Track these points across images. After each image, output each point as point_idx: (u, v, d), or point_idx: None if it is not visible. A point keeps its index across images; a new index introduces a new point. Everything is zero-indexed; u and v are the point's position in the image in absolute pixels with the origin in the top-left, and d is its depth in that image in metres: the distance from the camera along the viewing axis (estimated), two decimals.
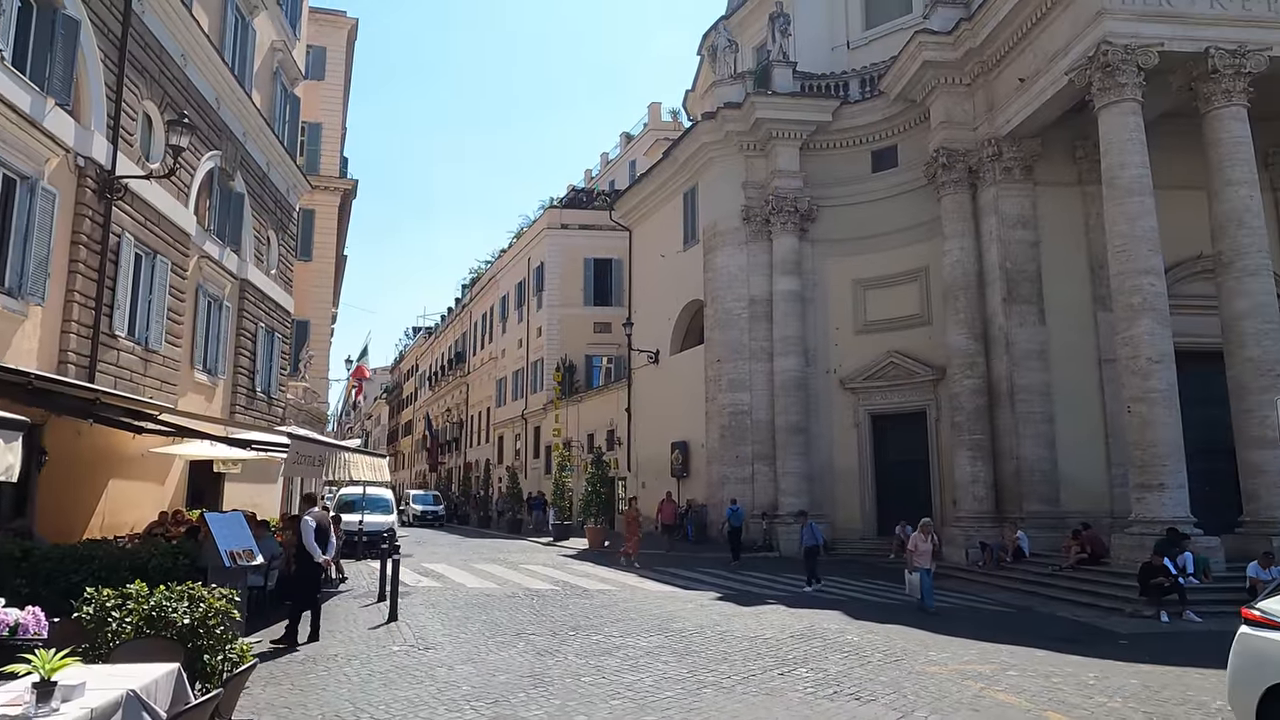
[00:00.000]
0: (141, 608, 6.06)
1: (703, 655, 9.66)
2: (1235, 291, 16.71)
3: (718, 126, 25.57)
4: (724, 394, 25.11)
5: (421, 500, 44.11)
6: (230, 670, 5.99)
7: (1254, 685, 5.28)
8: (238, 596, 6.81)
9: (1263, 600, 5.57)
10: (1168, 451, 15.78)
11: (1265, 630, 5.34)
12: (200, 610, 6.12)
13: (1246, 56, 16.86)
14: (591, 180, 59.85)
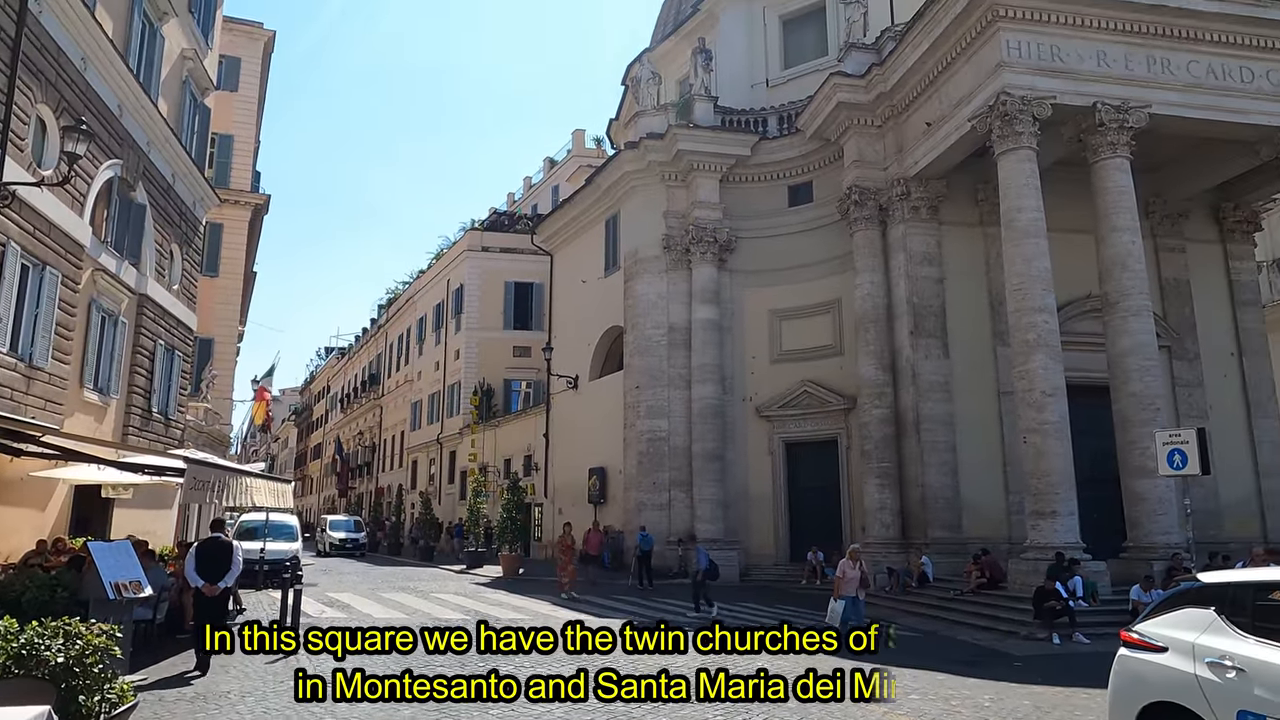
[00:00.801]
0: (10, 645, 5.63)
1: (548, 713, 9.57)
2: (1120, 330, 17.81)
3: (640, 156, 25.91)
4: (642, 420, 25.21)
5: (340, 527, 39.69)
6: (109, 712, 5.63)
7: (1131, 705, 5.58)
8: (120, 632, 6.41)
9: (1140, 623, 5.90)
10: (1060, 480, 16.62)
11: (1142, 652, 5.65)
12: (77, 647, 5.74)
13: (1129, 112, 18.16)
14: (514, 204, 59.67)
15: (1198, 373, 22.45)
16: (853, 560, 13.64)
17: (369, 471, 58.56)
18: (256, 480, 14.26)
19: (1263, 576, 5.48)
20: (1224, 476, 21.40)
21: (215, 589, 10.18)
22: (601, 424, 27.73)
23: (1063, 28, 18.32)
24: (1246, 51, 19.06)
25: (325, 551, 36.93)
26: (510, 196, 62.65)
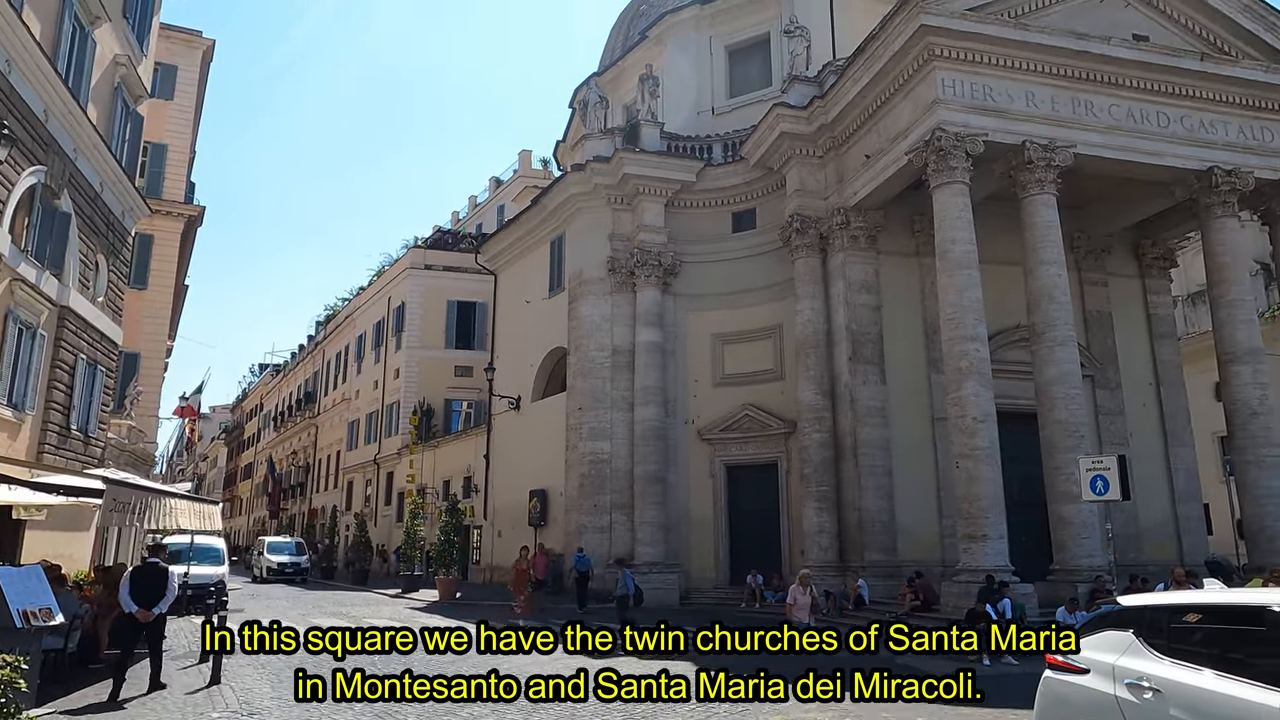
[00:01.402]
0: None
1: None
2: (1047, 359, 18.49)
3: (586, 178, 26.01)
4: (584, 442, 25.09)
5: (280, 550, 36.32)
6: None
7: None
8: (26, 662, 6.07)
9: None
10: (990, 505, 17.09)
11: (1065, 674, 5.80)
12: None
13: (1055, 151, 18.99)
14: (459, 222, 59.19)
15: (1119, 401, 23.40)
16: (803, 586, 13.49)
17: (302, 492, 56.92)
18: (180, 501, 13.72)
19: (1177, 600, 5.70)
20: (1143, 501, 22.31)
21: (150, 614, 9.98)
22: (543, 445, 27.51)
23: (994, 69, 19.11)
24: (1162, 98, 20.14)
25: (263, 577, 34.58)
26: (455, 215, 62.16)
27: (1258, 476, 19.29)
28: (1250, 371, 19.77)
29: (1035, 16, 19.57)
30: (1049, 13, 19.79)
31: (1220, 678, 4.77)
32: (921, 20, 18.31)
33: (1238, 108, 20.71)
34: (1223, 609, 5.37)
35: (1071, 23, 19.64)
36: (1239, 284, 20.49)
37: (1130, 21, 20.45)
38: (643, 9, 33.34)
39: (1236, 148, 20.56)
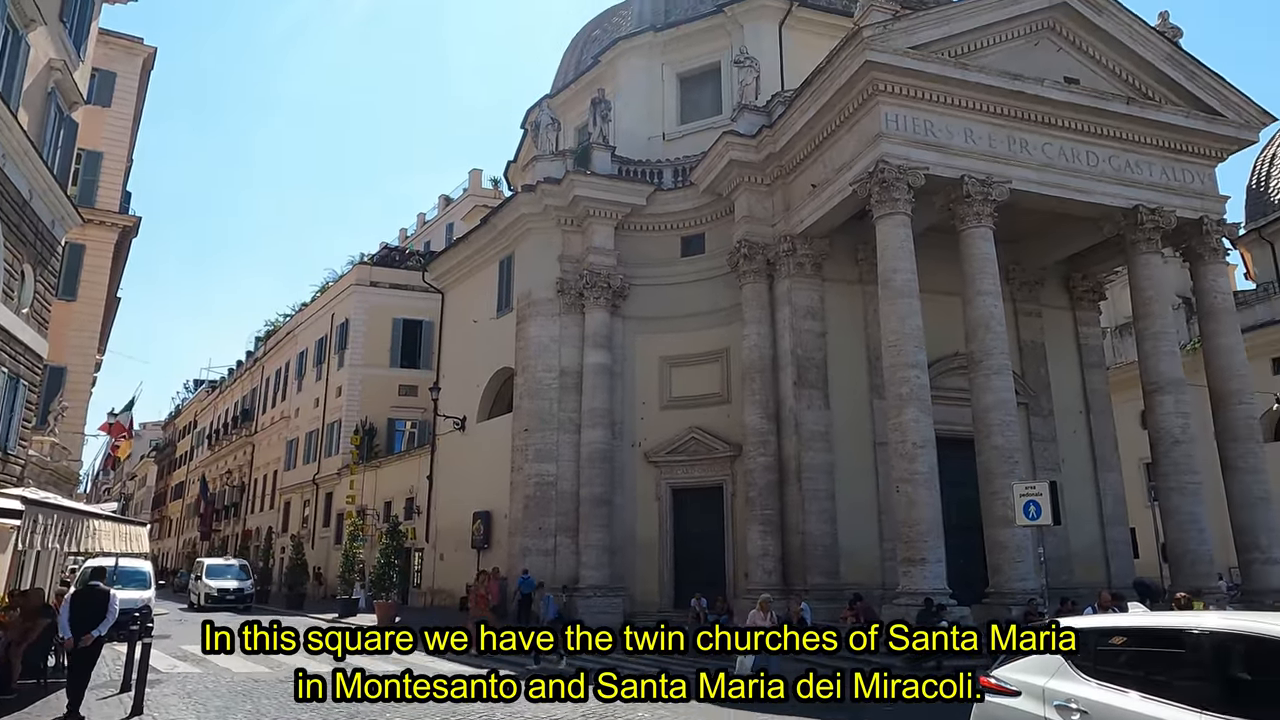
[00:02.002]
0: None
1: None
2: (984, 387, 19.03)
3: (537, 199, 26.01)
4: (530, 464, 24.88)
5: (222, 573, 32.68)
6: None
7: None
8: None
9: (996, 668, 6.21)
10: (929, 529, 17.45)
11: (998, 696, 5.94)
12: None
13: (992, 186, 19.70)
14: (407, 240, 58.58)
15: (1052, 428, 24.18)
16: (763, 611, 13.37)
17: (236, 513, 55.14)
18: (104, 523, 13.17)
19: (1103, 623, 5.89)
20: (1073, 526, 23.00)
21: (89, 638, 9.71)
22: (488, 467, 27.19)
23: (935, 105, 19.78)
24: (1092, 138, 21.08)
25: (200, 604, 31.16)
26: (403, 232, 61.53)
27: (1180, 502, 20.08)
28: (1173, 401, 20.64)
29: (974, 57, 20.34)
30: (987, 54, 20.60)
31: (1145, 699, 4.94)
32: (867, 56, 18.88)
33: (1161, 150, 21.78)
34: (1145, 632, 5.58)
35: (1008, 64, 20.46)
36: (1162, 317, 21.43)
37: (1063, 65, 21.39)
38: (596, 34, 33.68)
39: (1160, 188, 21.59)
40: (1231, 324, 22.17)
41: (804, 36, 27.94)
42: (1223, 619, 5.18)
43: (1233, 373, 21.56)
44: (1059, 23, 21.37)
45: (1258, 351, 30.69)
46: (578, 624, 18.46)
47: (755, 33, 27.63)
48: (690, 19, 29.74)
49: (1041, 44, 21.40)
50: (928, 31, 19.79)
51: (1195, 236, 22.17)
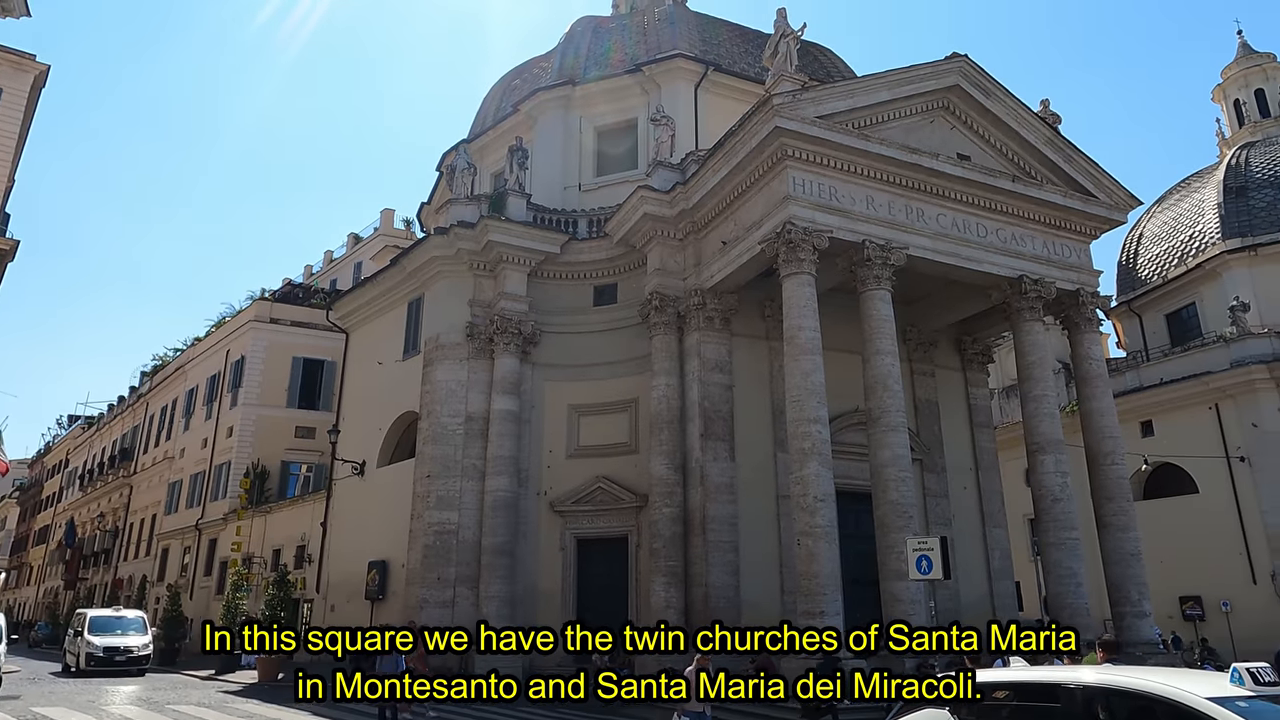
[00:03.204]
0: None
1: None
2: (881, 443, 19.70)
3: (450, 242, 25.79)
4: (431, 511, 24.17)
5: (110, 627, 26.93)
6: None
7: None
8: None
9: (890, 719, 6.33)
10: (828, 582, 17.77)
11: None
12: None
13: (891, 251, 20.70)
14: (312, 277, 56.93)
15: (944, 484, 25.18)
16: (700, 665, 12.74)
17: (108, 560, 51.26)
18: None
19: (986, 677, 6.11)
20: (963, 579, 23.88)
21: None
22: (387, 514, 26.27)
23: (840, 173, 20.77)
24: (981, 211, 22.51)
25: (81, 667, 25.60)
26: (308, 269, 59.81)
27: (1059, 557, 21.13)
28: (1053, 461, 21.85)
29: (876, 129, 21.52)
30: (888, 127, 21.83)
31: None
32: (776, 123, 19.72)
33: (1043, 225, 23.42)
34: (1024, 686, 5.80)
35: (907, 138, 21.73)
36: (1043, 381, 22.78)
37: (956, 142, 22.87)
38: (516, 83, 34.05)
39: (1041, 260, 23.16)
40: (1104, 389, 23.75)
41: (718, 100, 29.00)
42: (1099, 674, 5.42)
43: (1106, 435, 23.03)
44: (953, 103, 22.88)
45: (1128, 415, 32.98)
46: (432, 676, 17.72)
47: (672, 93, 28.50)
48: (609, 75, 30.47)
49: (937, 122, 22.85)
50: (833, 103, 20.87)
51: (1073, 307, 23.79)
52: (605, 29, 33.64)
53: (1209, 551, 31.92)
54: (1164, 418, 35.21)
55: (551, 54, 33.50)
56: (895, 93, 21.88)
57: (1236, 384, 33.00)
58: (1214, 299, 37.44)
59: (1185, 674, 5.87)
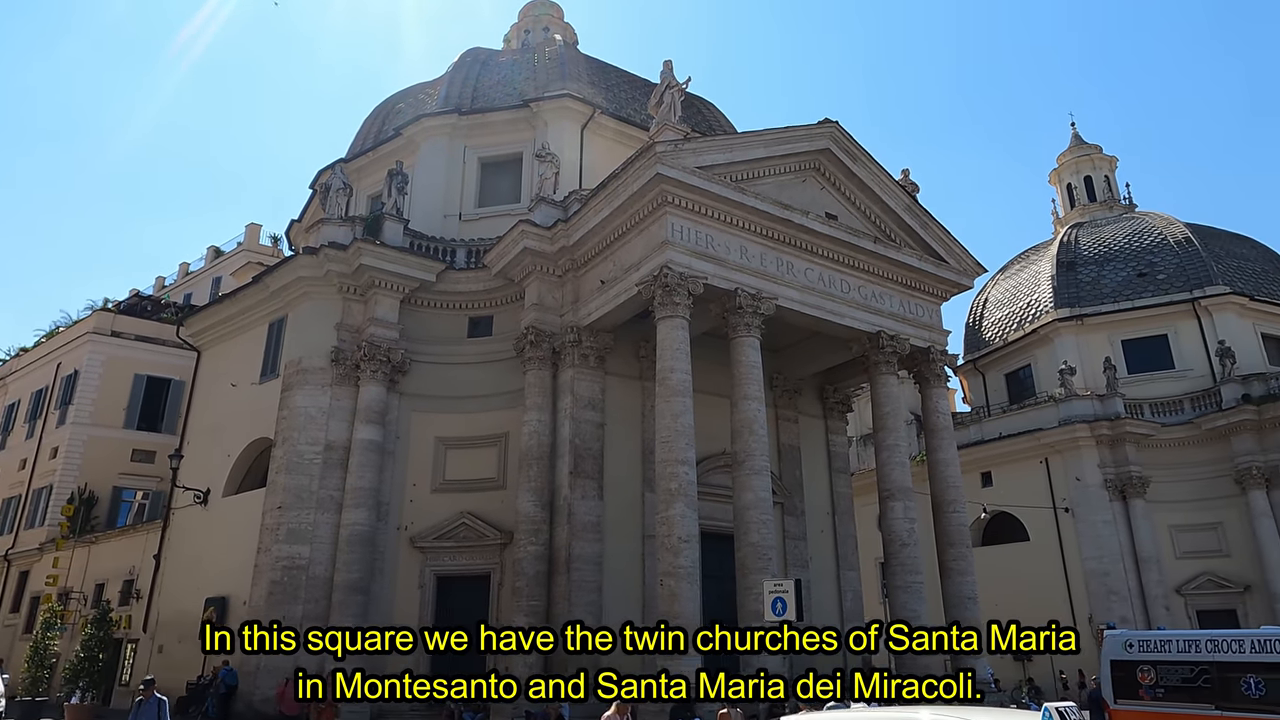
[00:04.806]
0: None
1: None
2: (744, 486, 20.22)
3: (319, 263, 24.78)
4: (281, 545, 22.76)
5: None
6: None
7: None
8: None
9: None
10: (688, 622, 17.92)
11: None
12: None
13: (762, 301, 21.52)
14: (164, 289, 53.25)
15: (803, 527, 26.07)
16: (619, 714, 12.30)
17: None
18: None
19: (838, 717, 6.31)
20: (819, 619, 24.63)
21: None
22: (231, 547, 24.51)
23: (717, 222, 21.50)
24: (845, 268, 23.81)
25: None
26: (160, 281, 55.91)
27: (905, 600, 22.22)
28: (902, 507, 23.08)
29: (752, 184, 22.46)
30: (763, 183, 22.84)
31: None
32: (658, 169, 20.25)
33: (900, 285, 25.01)
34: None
35: (780, 194, 22.79)
36: (896, 431, 24.13)
37: (826, 201, 24.18)
38: (400, 106, 33.46)
39: (898, 318, 24.68)
40: (950, 441, 25.40)
41: (604, 142, 29.53)
42: (932, 713, 5.72)
43: (950, 484, 24.58)
44: (823, 165, 24.22)
45: (971, 466, 35.42)
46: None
47: (558, 131, 28.77)
48: (496, 108, 30.47)
49: (808, 181, 24.11)
50: (713, 155, 21.66)
51: (924, 363, 25.42)
52: (496, 62, 33.72)
53: (1037, 595, 34.45)
54: (1002, 469, 38.03)
55: (439, 81, 33.19)
56: (771, 150, 22.95)
57: (1063, 440, 36.11)
58: (1047, 362, 40.98)
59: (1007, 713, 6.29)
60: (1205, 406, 36.32)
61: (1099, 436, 35.62)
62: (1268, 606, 32.54)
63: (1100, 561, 34.37)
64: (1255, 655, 15.60)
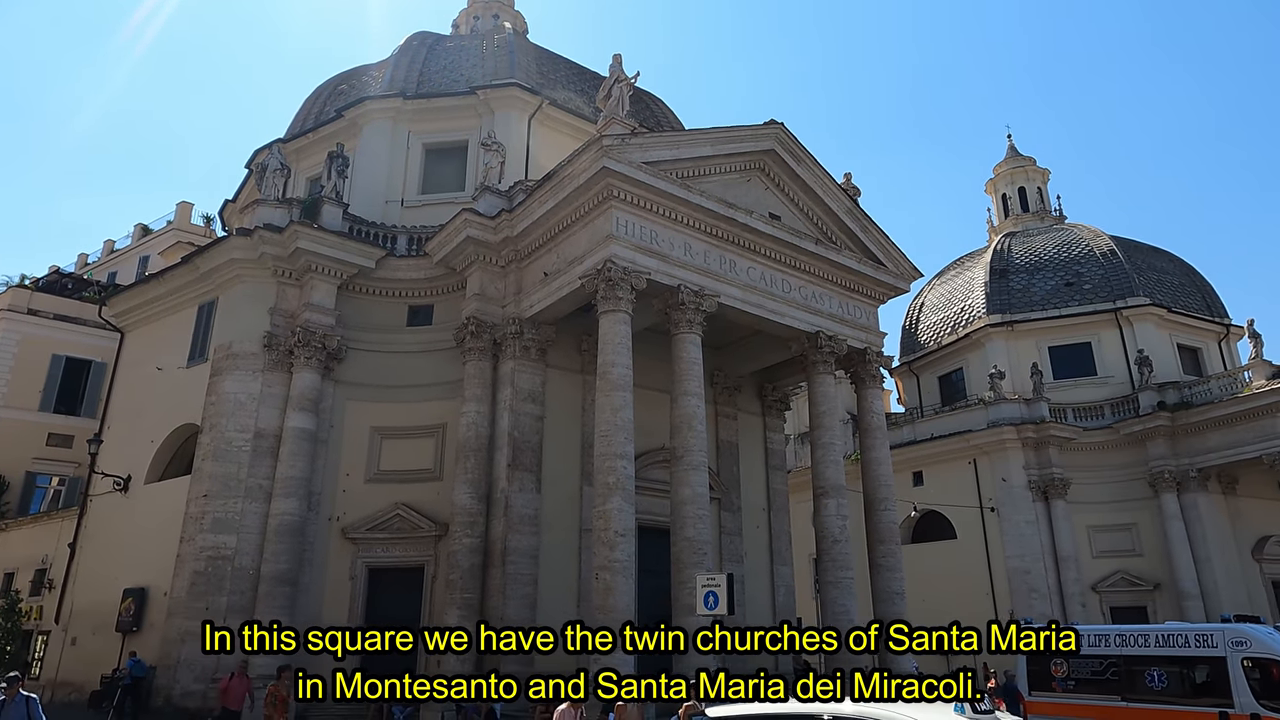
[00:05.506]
0: None
1: None
2: (682, 481, 20.36)
3: (253, 245, 24.07)
4: (205, 534, 22.08)
5: None
6: None
7: None
8: None
9: None
10: (621, 616, 17.99)
11: None
12: None
13: (704, 298, 21.68)
14: (87, 267, 51.06)
15: (739, 523, 26.38)
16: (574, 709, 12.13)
17: None
18: None
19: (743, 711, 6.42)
20: (752, 614, 25.01)
21: None
22: (153, 536, 23.68)
23: (661, 218, 21.56)
24: (787, 269, 24.14)
25: None
26: (83, 258, 53.60)
27: (836, 595, 22.70)
28: (835, 504, 23.54)
29: (697, 181, 22.59)
30: (708, 181, 22.98)
31: None
32: (605, 163, 20.21)
33: (839, 287, 25.47)
34: (787, 717, 6.16)
35: (725, 193, 22.97)
36: (832, 430, 24.59)
37: (770, 202, 24.47)
38: (343, 88, 32.70)
39: (836, 319, 25.13)
40: (883, 441, 25.99)
41: (551, 133, 29.36)
42: (855, 707, 5.86)
43: (881, 482, 25.16)
44: (768, 165, 24.49)
45: (903, 466, 36.31)
46: None
47: (505, 120, 28.50)
48: (443, 94, 30.01)
49: (753, 181, 24.36)
50: (660, 151, 21.71)
51: (861, 364, 25.95)
52: (443, 47, 33.19)
53: (963, 592, 35.55)
54: (932, 469, 39.09)
55: (384, 64, 32.52)
56: (717, 149, 23.12)
57: (991, 442, 37.30)
58: (978, 366, 42.26)
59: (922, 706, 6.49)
60: (1124, 412, 37.94)
61: (1025, 439, 36.89)
62: (1175, 603, 34.20)
63: (1022, 560, 35.62)
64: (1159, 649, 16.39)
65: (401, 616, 22.47)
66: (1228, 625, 16.55)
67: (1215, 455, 35.42)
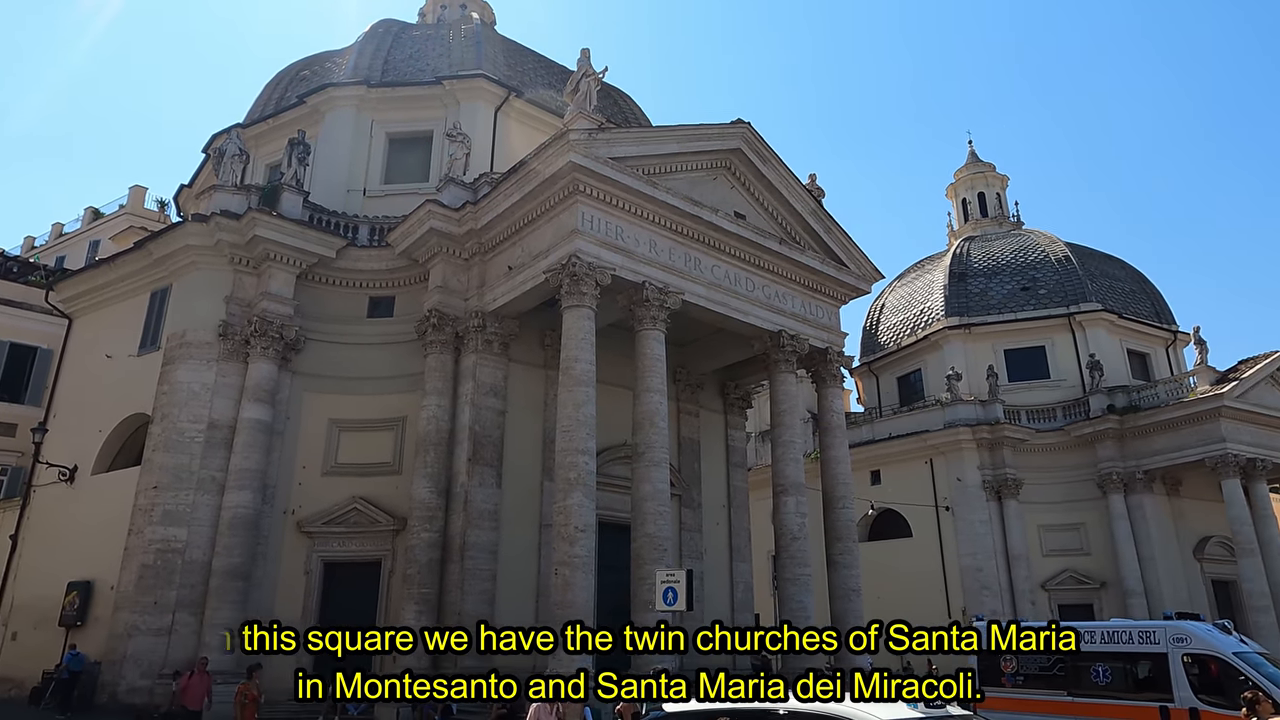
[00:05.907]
0: None
1: None
2: (643, 477, 20.39)
3: (209, 232, 23.53)
4: (155, 527, 21.56)
5: None
6: None
7: None
8: None
9: None
10: (581, 612, 17.98)
11: None
12: None
13: (669, 295, 21.72)
14: (34, 250, 49.49)
15: (699, 520, 26.52)
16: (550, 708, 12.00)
17: None
18: None
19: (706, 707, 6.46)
20: (711, 610, 25.13)
21: None
22: (99, 528, 23.05)
23: (627, 215, 21.54)
24: (751, 268, 24.28)
25: None
26: (29, 240, 51.97)
27: (793, 592, 22.93)
28: (794, 502, 23.78)
29: (664, 178, 22.60)
30: (675, 178, 23.01)
31: None
32: (571, 157, 20.12)
33: (802, 287, 25.69)
34: (740, 713, 6.21)
35: (691, 190, 23.02)
36: (793, 428, 24.82)
37: (735, 201, 24.58)
38: (305, 74, 32.11)
39: (799, 318, 25.35)
40: (842, 439, 26.31)
41: (517, 126, 29.16)
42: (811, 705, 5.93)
43: (840, 481, 25.47)
44: (734, 164, 24.60)
45: (861, 464, 36.82)
46: None
47: (471, 111, 28.23)
48: (408, 83, 29.64)
49: (719, 179, 24.45)
50: (627, 147, 21.69)
51: (821, 363, 26.22)
52: (409, 35, 32.78)
53: (918, 589, 36.18)
54: (890, 468, 39.70)
55: (348, 50, 32.03)
56: (684, 146, 23.17)
57: (947, 442, 37.98)
58: (936, 367, 42.98)
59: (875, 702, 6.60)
60: (1075, 415, 38.88)
61: (980, 440, 37.63)
62: (1120, 601, 35.18)
63: (975, 558, 36.35)
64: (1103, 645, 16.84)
65: (358, 612, 22.20)
66: (1169, 623, 17.07)
67: (1161, 458, 36.50)
